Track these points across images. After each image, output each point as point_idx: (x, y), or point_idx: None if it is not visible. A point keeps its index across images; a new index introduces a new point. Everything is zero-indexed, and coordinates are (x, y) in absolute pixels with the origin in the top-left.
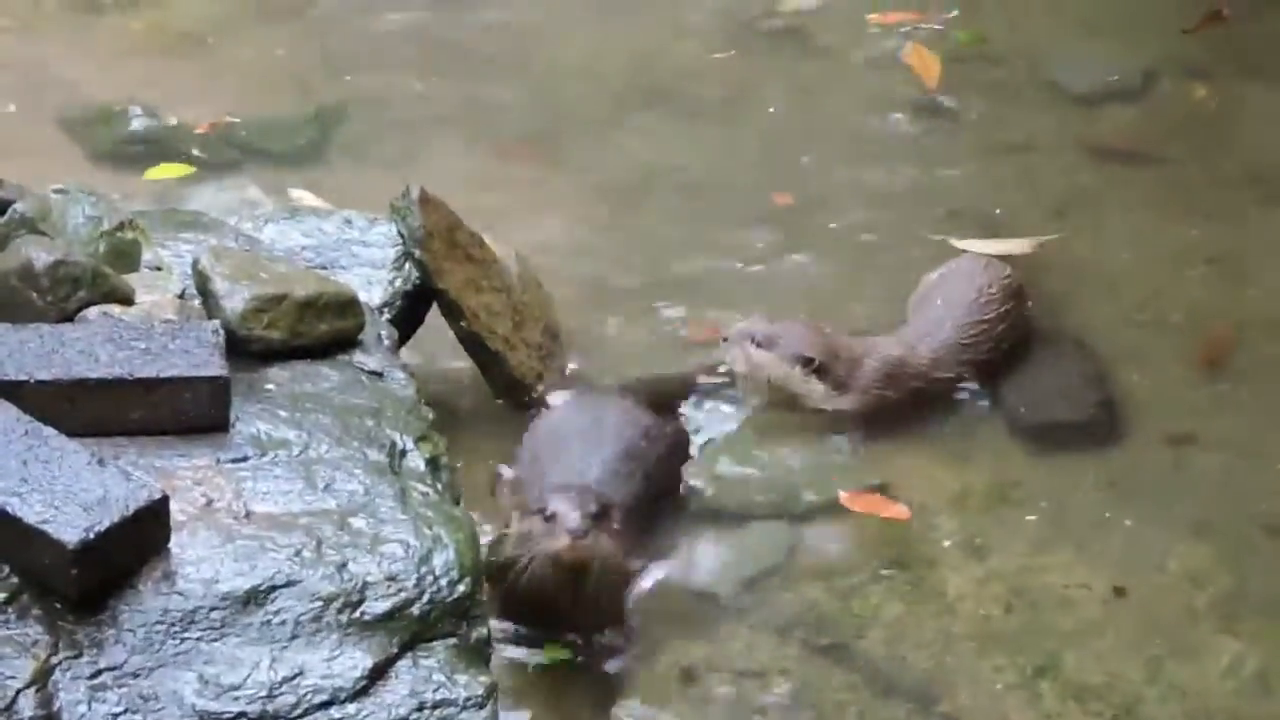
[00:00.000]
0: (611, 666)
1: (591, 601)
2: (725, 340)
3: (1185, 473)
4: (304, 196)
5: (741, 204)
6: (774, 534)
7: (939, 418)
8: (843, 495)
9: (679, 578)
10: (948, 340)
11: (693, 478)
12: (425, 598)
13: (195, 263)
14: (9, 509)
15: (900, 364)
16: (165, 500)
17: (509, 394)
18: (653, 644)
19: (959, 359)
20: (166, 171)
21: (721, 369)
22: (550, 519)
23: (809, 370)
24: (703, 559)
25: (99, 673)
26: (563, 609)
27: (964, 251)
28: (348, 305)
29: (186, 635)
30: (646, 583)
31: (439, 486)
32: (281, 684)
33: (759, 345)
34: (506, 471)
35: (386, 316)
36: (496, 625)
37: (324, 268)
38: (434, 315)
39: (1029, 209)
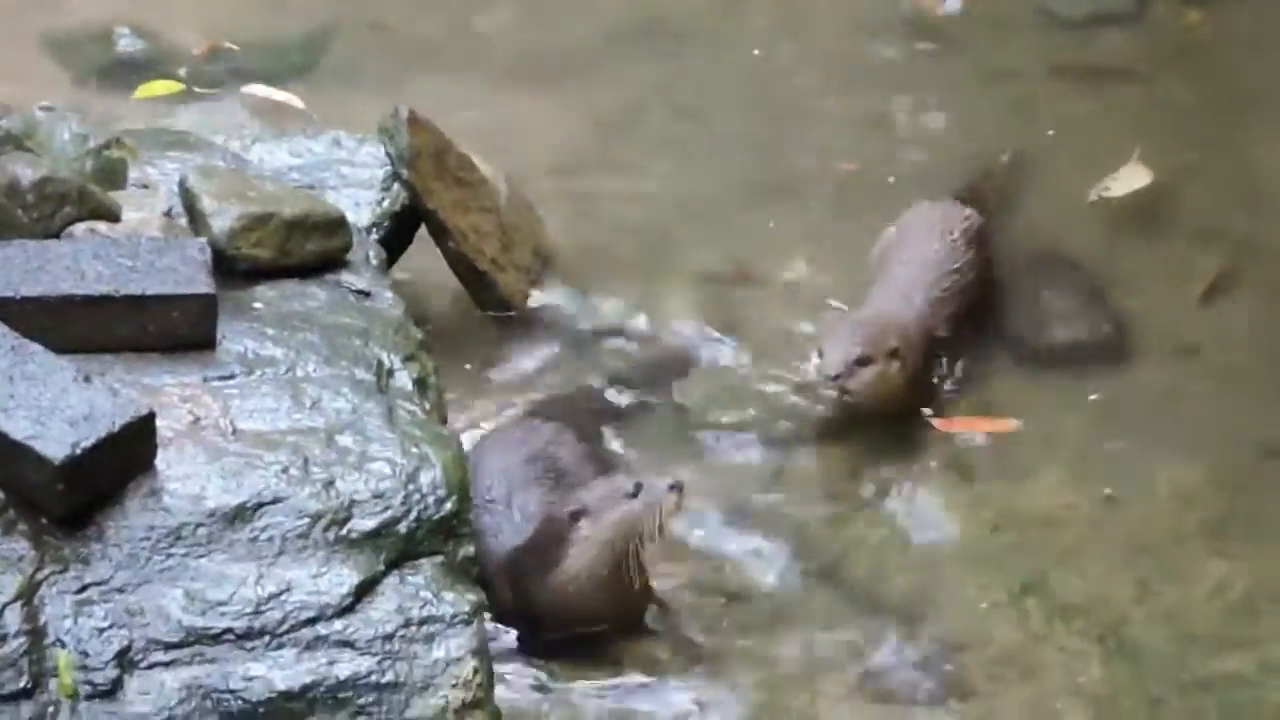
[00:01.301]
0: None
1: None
2: (835, 378)
3: (1177, 395)
4: (257, 90)
5: (733, 131)
6: (762, 457)
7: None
8: (937, 422)
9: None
10: (929, 295)
11: (685, 400)
12: (412, 515)
13: (182, 181)
14: None
15: (921, 325)
16: (151, 417)
17: (497, 313)
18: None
19: (944, 312)
20: (157, 89)
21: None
22: (636, 491)
23: (894, 359)
24: (691, 483)
25: (85, 588)
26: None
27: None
28: (336, 225)
29: (173, 551)
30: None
31: (426, 405)
32: (268, 600)
33: (864, 363)
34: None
35: (375, 237)
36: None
37: (312, 188)
38: (423, 236)
39: (1033, 139)
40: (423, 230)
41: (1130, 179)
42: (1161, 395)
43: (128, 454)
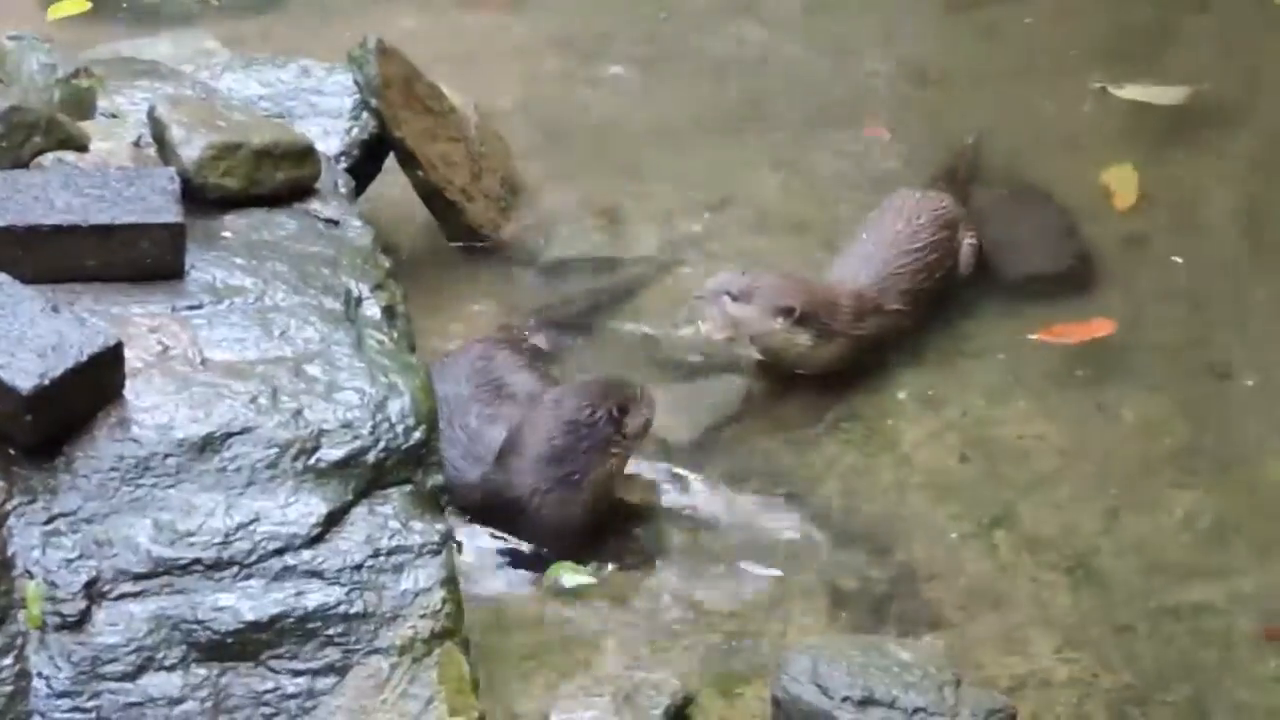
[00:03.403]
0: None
1: None
2: (698, 298)
3: (1141, 324)
4: None
5: (703, 57)
6: (729, 385)
7: None
8: (1040, 334)
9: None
10: (883, 272)
11: (650, 331)
12: (381, 445)
13: (151, 110)
14: None
15: (861, 299)
16: (120, 347)
17: (466, 243)
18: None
19: (899, 289)
20: (66, 8)
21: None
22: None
23: (791, 320)
24: (659, 409)
25: (53, 519)
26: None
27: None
28: (305, 153)
29: (141, 481)
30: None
31: (395, 334)
32: (236, 530)
33: (736, 299)
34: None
35: (343, 165)
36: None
37: (281, 116)
38: (392, 165)
39: (995, 64)
40: (391, 159)
41: (1158, 93)
42: (1122, 324)
43: (96, 384)
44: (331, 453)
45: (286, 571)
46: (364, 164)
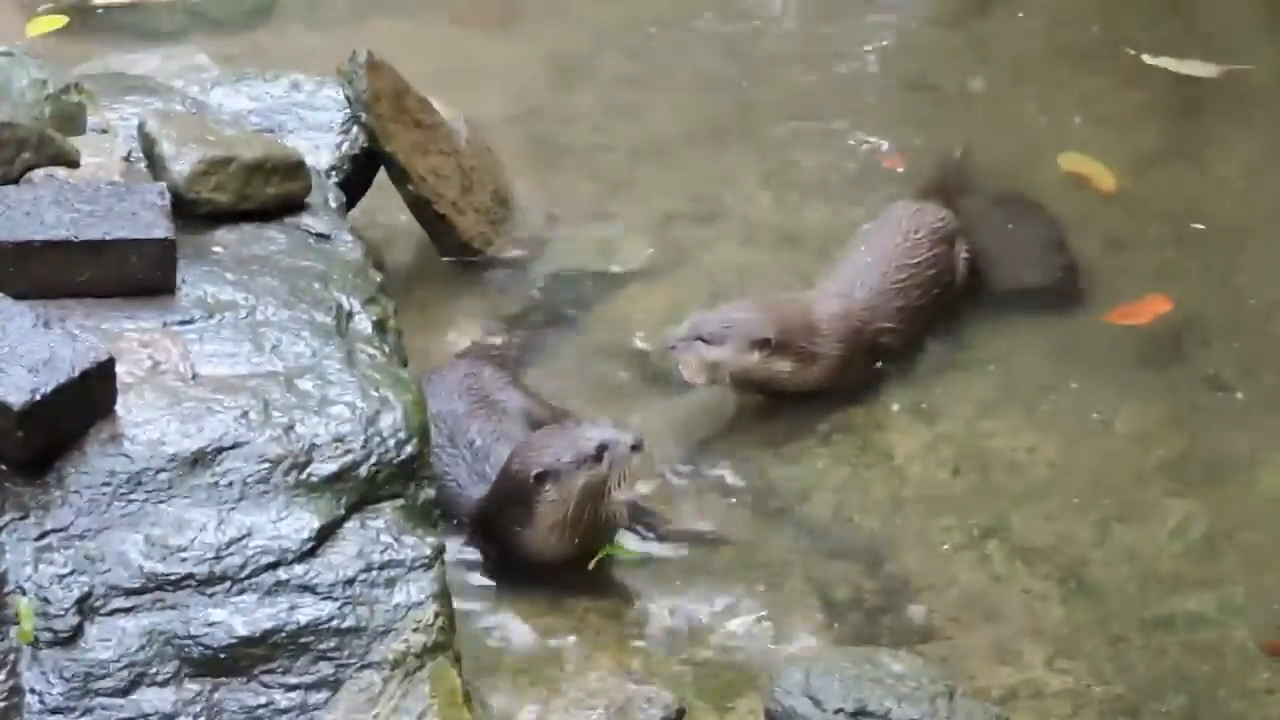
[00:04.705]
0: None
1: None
2: (672, 348)
3: (1133, 335)
4: None
5: (692, 71)
6: (721, 400)
7: None
8: (1111, 314)
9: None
10: (877, 287)
11: (642, 345)
12: (373, 459)
13: (142, 125)
14: None
15: (848, 317)
16: (111, 362)
17: (458, 257)
18: None
19: (892, 305)
20: (45, 25)
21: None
22: (599, 453)
23: (769, 352)
24: (651, 424)
25: (45, 534)
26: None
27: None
28: (295, 168)
29: (133, 497)
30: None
31: (386, 349)
32: (229, 545)
33: (709, 343)
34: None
35: (334, 180)
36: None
37: (271, 131)
38: (383, 179)
39: (985, 75)
40: (383, 174)
41: (1193, 67)
42: (1114, 336)
43: (88, 400)
44: (323, 467)
45: (279, 586)
46: (355, 178)
